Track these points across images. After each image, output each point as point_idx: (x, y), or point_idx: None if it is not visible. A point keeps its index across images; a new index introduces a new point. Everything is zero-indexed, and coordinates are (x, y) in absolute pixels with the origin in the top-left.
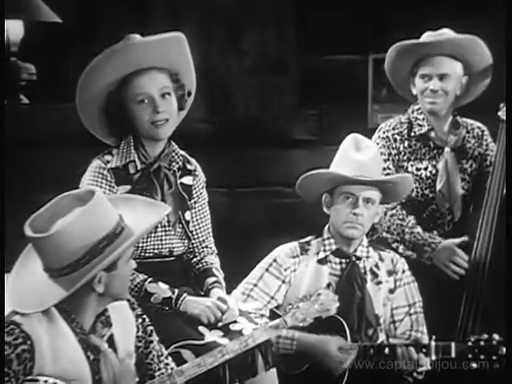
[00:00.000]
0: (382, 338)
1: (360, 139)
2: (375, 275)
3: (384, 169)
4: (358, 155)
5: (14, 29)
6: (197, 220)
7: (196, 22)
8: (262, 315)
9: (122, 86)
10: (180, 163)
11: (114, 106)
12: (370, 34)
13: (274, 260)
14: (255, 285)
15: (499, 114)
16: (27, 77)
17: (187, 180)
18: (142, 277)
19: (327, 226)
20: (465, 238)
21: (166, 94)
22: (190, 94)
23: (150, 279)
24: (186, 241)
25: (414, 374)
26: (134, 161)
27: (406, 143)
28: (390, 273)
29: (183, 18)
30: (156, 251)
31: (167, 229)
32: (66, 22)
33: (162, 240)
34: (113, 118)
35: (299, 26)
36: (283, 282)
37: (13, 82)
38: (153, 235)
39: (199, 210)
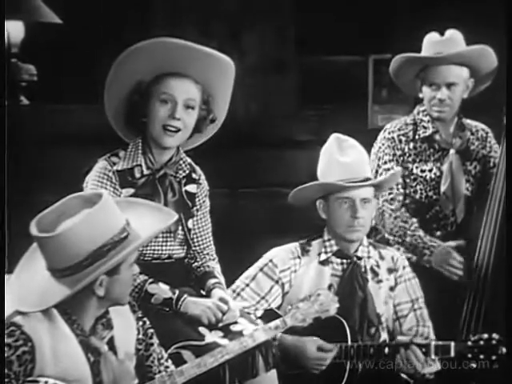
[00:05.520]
0: (383, 336)
1: (342, 139)
2: (376, 274)
3: (388, 169)
4: (342, 157)
5: (15, 30)
6: (198, 228)
7: (196, 22)
8: (249, 313)
9: (154, 80)
10: (187, 172)
11: (139, 95)
12: (370, 35)
13: (270, 260)
14: (247, 284)
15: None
16: (27, 78)
17: (191, 188)
18: (142, 278)
19: (326, 227)
20: (460, 242)
21: (190, 107)
22: (213, 120)
23: (150, 280)
24: (186, 247)
25: (427, 375)
26: (141, 165)
27: (411, 145)
28: (391, 270)
29: (183, 18)
30: (155, 255)
31: (168, 235)
32: (66, 22)
33: (161, 246)
34: (132, 107)
35: (299, 27)
36: (276, 282)
37: (13, 83)
38: (153, 241)
39: (201, 218)
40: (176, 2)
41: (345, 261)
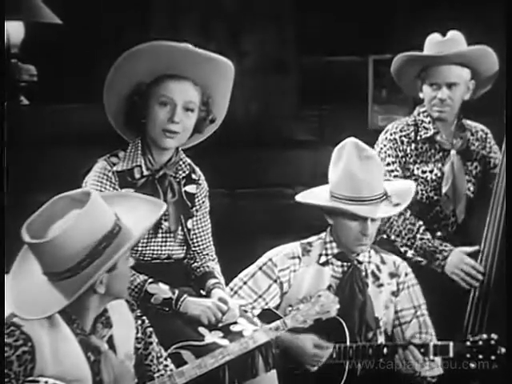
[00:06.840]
0: (381, 340)
1: (361, 148)
2: (376, 278)
3: (391, 171)
4: (362, 173)
5: (15, 30)
6: (198, 228)
7: (196, 23)
8: (246, 312)
9: (154, 82)
10: (186, 172)
11: (138, 96)
12: (370, 35)
13: (270, 259)
14: (245, 282)
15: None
16: (28, 78)
17: (191, 188)
18: (142, 277)
19: (329, 229)
20: (476, 247)
21: (189, 109)
22: (213, 121)
23: (150, 280)
24: (186, 247)
25: (428, 378)
26: (140, 166)
27: (413, 146)
28: (393, 275)
29: (183, 18)
30: (154, 255)
31: (167, 235)
32: (66, 23)
33: (161, 246)
34: (132, 108)
35: (299, 27)
36: (275, 281)
37: (13, 83)
38: (152, 241)
39: (200, 219)
40: (176, 2)
41: (345, 263)
